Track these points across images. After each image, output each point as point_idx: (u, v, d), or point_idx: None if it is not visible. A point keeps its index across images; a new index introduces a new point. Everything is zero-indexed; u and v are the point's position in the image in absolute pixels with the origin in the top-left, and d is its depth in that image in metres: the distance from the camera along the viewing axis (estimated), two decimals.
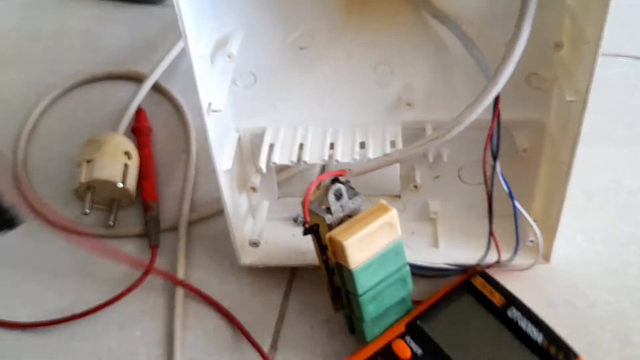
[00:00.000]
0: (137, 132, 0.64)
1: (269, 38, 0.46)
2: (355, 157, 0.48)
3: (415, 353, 0.45)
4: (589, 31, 0.40)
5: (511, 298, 0.47)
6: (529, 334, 0.45)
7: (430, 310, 0.47)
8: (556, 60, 0.44)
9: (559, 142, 0.47)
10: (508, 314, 0.46)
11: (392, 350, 0.45)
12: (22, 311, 0.52)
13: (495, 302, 0.47)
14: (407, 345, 0.45)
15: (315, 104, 0.49)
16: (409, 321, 0.46)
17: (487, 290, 0.47)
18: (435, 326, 0.46)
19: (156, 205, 0.58)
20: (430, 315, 0.47)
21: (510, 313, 0.46)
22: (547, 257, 0.51)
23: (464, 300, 0.48)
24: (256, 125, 0.51)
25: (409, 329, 0.46)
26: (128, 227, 0.58)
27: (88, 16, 0.81)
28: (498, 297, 0.47)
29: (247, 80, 0.48)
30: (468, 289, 0.48)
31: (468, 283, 0.48)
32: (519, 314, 0.46)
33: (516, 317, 0.46)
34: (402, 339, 0.46)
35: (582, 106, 0.42)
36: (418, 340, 0.45)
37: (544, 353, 0.44)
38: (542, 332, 0.45)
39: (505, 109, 0.44)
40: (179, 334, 0.49)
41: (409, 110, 0.48)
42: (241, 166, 0.52)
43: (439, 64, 0.47)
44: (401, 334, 0.46)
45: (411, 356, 0.45)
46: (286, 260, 0.53)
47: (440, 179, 0.52)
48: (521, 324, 0.45)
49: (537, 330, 0.45)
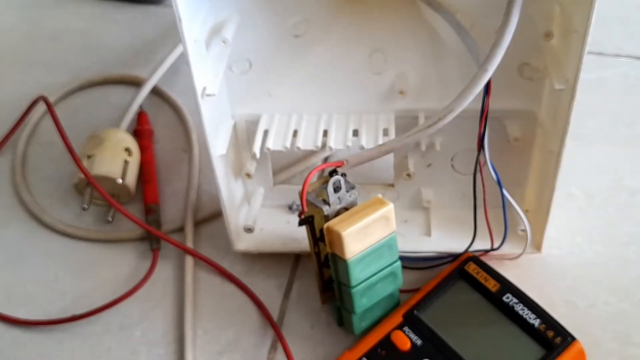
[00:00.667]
0: (138, 135, 0.64)
1: (265, 25, 0.47)
2: (348, 144, 0.48)
3: (415, 343, 0.45)
4: (577, 20, 0.40)
5: (505, 283, 0.47)
6: (526, 318, 0.45)
7: (426, 299, 0.47)
8: (546, 50, 0.45)
9: (549, 132, 0.47)
10: (504, 299, 0.46)
11: (391, 342, 0.45)
12: (22, 311, 0.52)
13: (490, 287, 0.47)
14: (406, 335, 0.45)
15: (310, 91, 0.50)
16: (405, 311, 0.47)
17: (482, 276, 0.48)
18: (432, 315, 0.46)
19: (157, 208, 0.59)
20: (427, 304, 0.47)
21: (505, 298, 0.46)
22: (539, 247, 0.51)
23: (459, 287, 0.48)
24: (251, 112, 0.51)
25: (407, 319, 0.46)
26: (129, 231, 0.57)
27: (88, 16, 0.81)
28: (492, 283, 0.47)
29: (243, 67, 0.49)
30: (462, 276, 0.48)
31: (461, 270, 0.48)
32: (514, 299, 0.46)
33: (512, 302, 0.46)
34: (401, 329, 0.46)
35: (570, 95, 0.42)
36: (416, 330, 0.45)
37: (542, 337, 0.44)
38: (538, 316, 0.45)
39: (497, 99, 0.45)
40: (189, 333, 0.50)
41: (402, 98, 0.49)
42: (237, 153, 0.53)
43: (433, 53, 0.48)
44: (399, 325, 0.46)
45: (411, 346, 0.45)
46: (281, 247, 0.53)
47: (433, 167, 0.53)
48: (517, 309, 0.45)
49: (533, 315, 0.45)
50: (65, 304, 0.53)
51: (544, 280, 0.51)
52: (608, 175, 0.60)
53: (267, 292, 0.52)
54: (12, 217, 0.60)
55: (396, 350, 0.45)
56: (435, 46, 0.47)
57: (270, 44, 0.48)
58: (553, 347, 0.44)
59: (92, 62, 0.75)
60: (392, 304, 0.48)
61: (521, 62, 0.47)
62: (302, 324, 0.50)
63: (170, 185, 0.62)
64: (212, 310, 0.52)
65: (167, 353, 0.49)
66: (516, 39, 0.41)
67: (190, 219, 0.57)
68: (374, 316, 0.48)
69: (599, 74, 0.70)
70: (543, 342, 0.44)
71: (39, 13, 0.82)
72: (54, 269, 0.55)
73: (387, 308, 0.48)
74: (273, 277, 0.53)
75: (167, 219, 0.59)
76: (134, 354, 0.49)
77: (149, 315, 0.52)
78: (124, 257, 0.56)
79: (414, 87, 0.49)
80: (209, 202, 0.59)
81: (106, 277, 0.54)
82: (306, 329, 0.50)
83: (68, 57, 0.76)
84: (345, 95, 0.50)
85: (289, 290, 0.53)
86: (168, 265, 0.55)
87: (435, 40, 0.47)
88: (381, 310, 0.48)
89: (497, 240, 0.49)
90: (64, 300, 0.53)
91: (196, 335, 0.50)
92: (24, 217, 0.59)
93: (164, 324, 0.51)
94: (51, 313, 0.52)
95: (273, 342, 0.50)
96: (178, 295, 0.53)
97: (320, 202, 0.44)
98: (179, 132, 0.67)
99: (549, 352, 0.43)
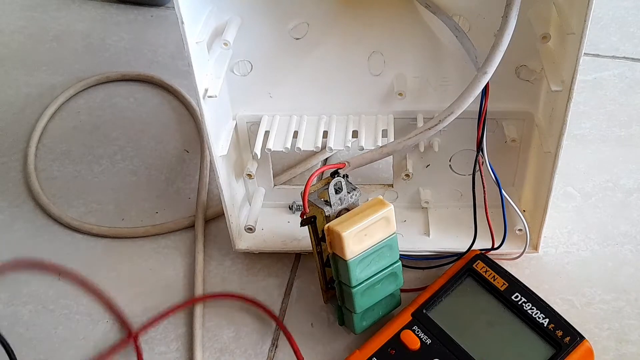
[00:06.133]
0: None
1: (266, 27, 0.47)
2: (348, 145, 0.49)
3: (425, 342, 0.45)
4: (574, 21, 0.41)
5: (514, 282, 0.47)
6: (535, 317, 0.45)
7: (434, 298, 0.47)
8: (543, 52, 0.45)
9: (546, 133, 0.48)
10: (512, 298, 0.46)
11: (401, 341, 0.45)
12: (24, 310, 0.53)
13: (499, 286, 0.47)
14: (416, 335, 0.45)
15: (310, 92, 0.51)
16: (414, 310, 0.47)
17: (490, 274, 0.48)
18: (441, 314, 0.47)
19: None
20: (436, 302, 0.47)
21: (514, 297, 0.46)
22: (536, 247, 0.52)
23: (467, 285, 0.48)
24: (253, 113, 0.52)
25: (416, 318, 0.46)
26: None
27: (91, 18, 0.82)
28: (501, 282, 0.47)
29: (244, 69, 0.50)
30: (470, 274, 0.48)
31: (470, 268, 0.48)
32: (523, 298, 0.46)
33: (521, 301, 0.46)
34: (410, 329, 0.46)
35: (567, 96, 0.43)
36: (425, 329, 0.46)
37: (551, 336, 0.44)
38: (547, 315, 0.45)
39: (494, 101, 0.45)
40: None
41: (400, 99, 0.49)
42: (238, 153, 0.53)
43: (431, 54, 0.48)
44: (408, 324, 0.46)
45: (420, 346, 0.45)
46: (282, 246, 0.54)
47: (432, 168, 0.53)
48: (526, 308, 0.46)
49: (542, 314, 0.45)
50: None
51: (540, 279, 0.52)
52: (604, 175, 0.60)
53: (267, 290, 0.53)
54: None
55: (406, 349, 0.45)
56: (434, 48, 0.48)
57: (271, 46, 0.48)
58: (562, 346, 0.44)
59: (95, 63, 0.75)
60: (393, 304, 0.49)
61: (518, 64, 0.48)
62: (303, 322, 0.51)
63: (174, 185, 0.62)
64: (212, 309, 0.52)
65: (169, 351, 0.50)
66: (513, 42, 0.41)
67: (200, 218, 0.58)
68: (375, 316, 0.48)
69: (595, 75, 0.71)
70: (552, 341, 0.44)
71: (42, 15, 0.83)
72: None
73: (388, 308, 0.49)
74: (274, 276, 0.54)
75: (174, 217, 0.59)
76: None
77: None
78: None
79: (412, 88, 0.50)
80: (209, 201, 0.60)
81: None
82: (306, 327, 0.50)
83: (71, 58, 0.76)
84: (345, 96, 0.51)
85: (289, 288, 0.53)
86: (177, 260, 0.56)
87: (433, 42, 0.48)
88: (382, 310, 0.48)
89: (496, 240, 0.50)
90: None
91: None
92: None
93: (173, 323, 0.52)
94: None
95: (274, 340, 0.50)
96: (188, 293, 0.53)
97: (322, 202, 0.44)
98: (189, 130, 0.68)
99: (558, 351, 0.44)
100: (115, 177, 0.63)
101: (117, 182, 0.63)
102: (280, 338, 0.50)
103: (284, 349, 0.49)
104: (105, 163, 0.65)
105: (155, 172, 0.63)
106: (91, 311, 0.52)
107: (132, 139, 0.67)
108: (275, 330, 0.50)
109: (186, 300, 0.52)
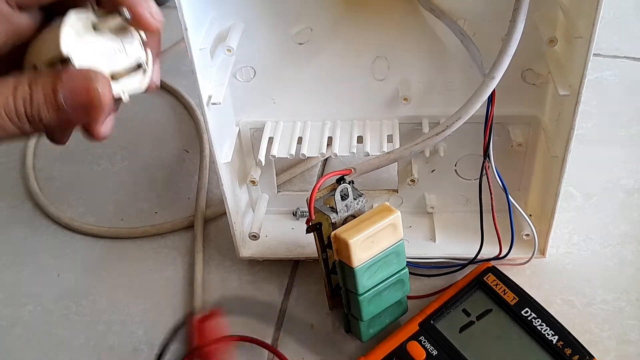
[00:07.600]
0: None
1: (269, 33, 0.47)
2: (353, 150, 0.49)
3: (431, 353, 0.44)
4: (582, 25, 0.41)
5: (524, 296, 0.46)
6: (544, 334, 0.44)
7: (443, 309, 0.47)
8: (549, 56, 0.45)
9: (552, 137, 0.47)
10: (522, 314, 0.46)
11: (406, 351, 0.45)
12: (24, 310, 0.53)
13: (509, 300, 0.46)
14: (422, 346, 0.45)
15: (314, 97, 0.50)
16: (422, 320, 0.46)
17: (500, 288, 0.47)
18: (448, 325, 0.46)
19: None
20: (444, 314, 0.47)
21: (524, 312, 0.46)
22: (543, 252, 0.51)
23: (476, 298, 0.48)
24: (256, 119, 0.51)
25: (423, 328, 0.46)
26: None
27: None
28: (511, 296, 0.47)
29: (247, 75, 0.49)
30: (480, 287, 0.48)
31: (480, 281, 0.48)
32: (533, 313, 0.45)
33: (530, 317, 0.45)
34: (417, 339, 0.45)
35: (575, 100, 0.42)
36: (432, 339, 0.45)
37: (560, 354, 0.43)
38: (557, 333, 0.44)
39: (501, 105, 0.45)
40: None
41: (405, 104, 0.49)
42: (241, 160, 0.53)
43: (436, 59, 0.48)
44: (415, 334, 0.46)
45: (426, 357, 0.44)
46: (286, 253, 0.53)
47: (437, 173, 0.53)
48: (535, 324, 0.45)
49: (552, 331, 0.45)
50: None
51: (541, 279, 0.51)
52: (605, 175, 0.60)
53: (267, 290, 0.52)
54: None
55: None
56: (439, 53, 0.48)
57: (274, 52, 0.48)
58: None
59: None
60: (399, 311, 0.48)
61: (524, 67, 0.47)
62: (302, 326, 0.50)
63: (173, 185, 0.62)
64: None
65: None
66: (520, 46, 0.41)
67: (200, 218, 0.58)
68: (382, 323, 0.48)
69: (597, 75, 0.71)
70: (560, 359, 0.43)
71: None
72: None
73: (395, 315, 0.48)
74: (274, 276, 0.54)
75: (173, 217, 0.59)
76: (136, 351, 0.50)
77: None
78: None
79: (417, 93, 0.49)
80: (209, 201, 0.60)
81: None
82: (306, 330, 0.50)
83: None
84: (349, 101, 0.50)
85: (289, 289, 0.53)
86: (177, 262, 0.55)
87: (438, 47, 0.47)
88: (389, 317, 0.48)
89: (503, 246, 0.49)
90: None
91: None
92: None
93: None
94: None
95: (273, 341, 0.50)
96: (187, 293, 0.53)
97: (328, 209, 0.44)
98: (189, 130, 0.67)
99: None
100: (114, 177, 0.63)
101: (116, 182, 0.63)
102: (280, 339, 0.50)
103: (284, 351, 0.48)
104: (104, 163, 0.64)
105: (154, 172, 0.63)
106: (91, 312, 0.52)
107: (131, 139, 0.66)
108: (274, 331, 0.50)
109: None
